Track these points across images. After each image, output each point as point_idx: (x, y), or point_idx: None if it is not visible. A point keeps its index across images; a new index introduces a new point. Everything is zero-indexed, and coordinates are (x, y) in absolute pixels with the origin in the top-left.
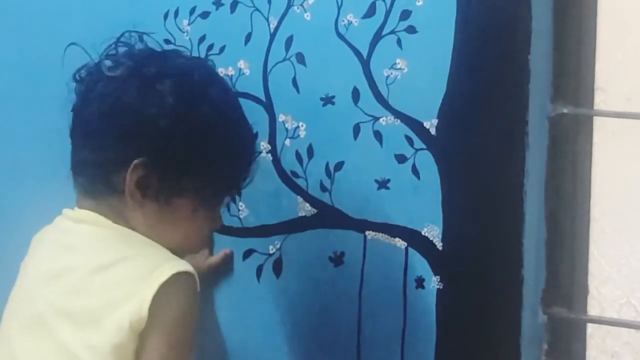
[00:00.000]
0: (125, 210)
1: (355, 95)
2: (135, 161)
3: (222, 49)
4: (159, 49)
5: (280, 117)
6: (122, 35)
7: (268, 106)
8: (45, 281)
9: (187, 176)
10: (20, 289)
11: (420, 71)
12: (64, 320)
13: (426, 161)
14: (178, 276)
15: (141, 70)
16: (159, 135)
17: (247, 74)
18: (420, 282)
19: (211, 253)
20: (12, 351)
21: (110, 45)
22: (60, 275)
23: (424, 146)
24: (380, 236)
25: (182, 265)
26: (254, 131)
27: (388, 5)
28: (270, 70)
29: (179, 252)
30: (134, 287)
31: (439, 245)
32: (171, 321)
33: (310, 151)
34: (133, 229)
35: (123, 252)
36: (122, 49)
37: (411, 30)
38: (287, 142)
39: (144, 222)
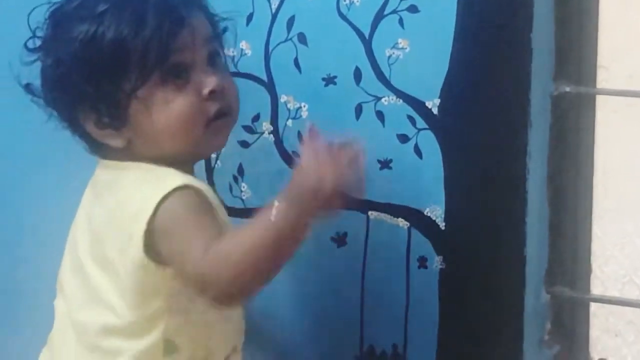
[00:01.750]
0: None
1: (357, 75)
2: (81, 115)
3: (224, 30)
4: None
5: (282, 98)
6: None
7: (270, 87)
8: (83, 227)
9: (115, 86)
10: (73, 233)
11: (422, 51)
12: (96, 266)
13: (428, 141)
14: (162, 201)
15: None
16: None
17: (249, 54)
18: (423, 262)
19: None
20: (64, 291)
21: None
22: (90, 221)
23: (426, 126)
24: (383, 216)
25: (166, 186)
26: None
27: None
28: (272, 50)
29: (202, 149)
30: (129, 229)
31: (442, 225)
32: (179, 222)
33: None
34: (139, 154)
35: (121, 193)
36: None
37: (413, 9)
38: (290, 122)
39: (131, 148)
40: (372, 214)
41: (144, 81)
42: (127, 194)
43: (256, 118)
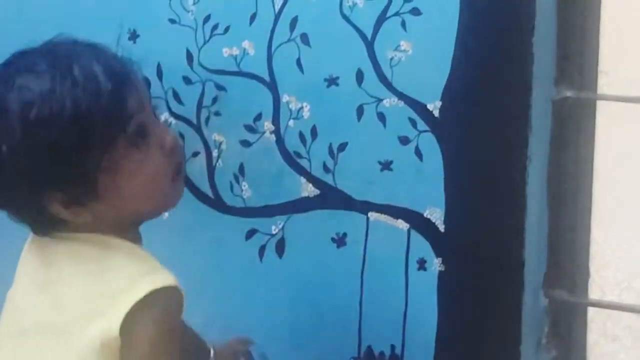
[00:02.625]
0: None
1: (359, 76)
2: (44, 199)
3: (226, 29)
4: None
5: (284, 98)
6: None
7: (272, 86)
8: (28, 294)
9: (85, 160)
10: (12, 299)
11: (425, 53)
12: (44, 335)
13: (429, 143)
14: (155, 293)
15: None
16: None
17: (252, 54)
18: (422, 264)
19: None
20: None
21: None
22: (43, 288)
23: (428, 128)
24: (383, 217)
25: (160, 280)
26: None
27: None
28: (275, 50)
29: (168, 206)
30: (105, 305)
31: (441, 228)
32: (147, 341)
33: (313, 132)
34: (100, 221)
35: (98, 265)
36: None
37: (416, 12)
38: (291, 122)
39: (102, 219)
40: (372, 215)
41: (110, 150)
42: (112, 272)
43: (258, 117)
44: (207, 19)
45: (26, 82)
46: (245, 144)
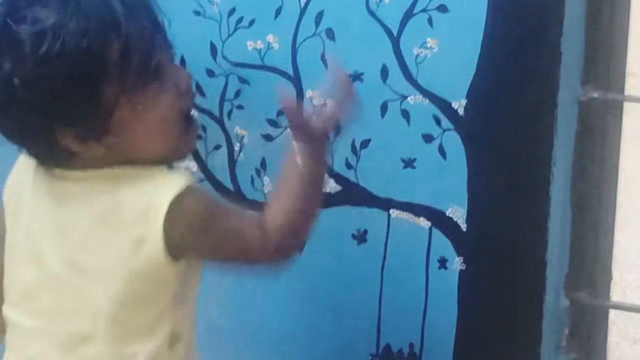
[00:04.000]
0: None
1: (384, 73)
2: (58, 133)
3: (251, 22)
4: None
5: (308, 93)
6: None
7: (296, 81)
8: (50, 238)
9: (96, 96)
10: (24, 244)
11: (451, 51)
12: (83, 276)
13: (453, 141)
14: (178, 199)
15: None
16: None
17: (276, 48)
18: (443, 263)
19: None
20: (33, 307)
21: None
22: (66, 229)
23: (452, 126)
24: (405, 215)
25: (175, 185)
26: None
27: None
28: (299, 45)
29: (181, 150)
30: (138, 231)
31: (463, 227)
32: (197, 235)
33: (336, 128)
34: (114, 159)
35: (115, 195)
36: None
37: (443, 9)
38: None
39: (117, 153)
40: (394, 213)
41: (128, 87)
42: (127, 197)
43: (281, 112)
44: (232, 11)
45: (38, 13)
46: (268, 138)
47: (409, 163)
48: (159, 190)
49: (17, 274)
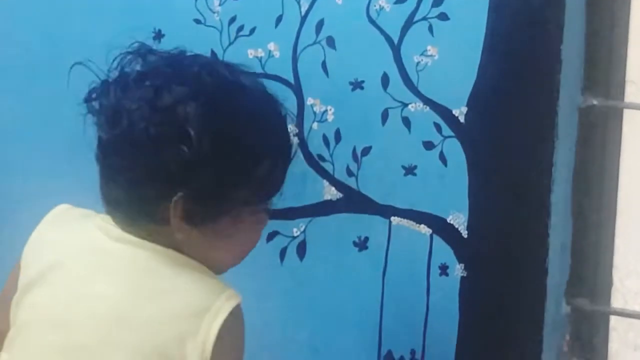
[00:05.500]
0: (169, 235)
1: (385, 80)
2: (175, 198)
3: (252, 31)
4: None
5: (309, 101)
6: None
7: (297, 89)
8: (82, 304)
9: (229, 195)
10: (59, 309)
11: (451, 59)
12: (110, 349)
13: (454, 149)
14: (235, 310)
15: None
16: (195, 166)
17: (277, 56)
18: (444, 270)
19: None
20: None
21: (122, 57)
22: (100, 298)
23: (452, 134)
24: (406, 222)
25: (234, 297)
26: (287, 121)
27: None
28: (300, 53)
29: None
30: (189, 324)
31: (464, 233)
32: (232, 357)
33: (337, 135)
34: (179, 250)
35: (170, 281)
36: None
37: (443, 17)
38: (315, 125)
39: (191, 246)
40: (395, 220)
41: (254, 200)
42: (189, 288)
43: None
44: (232, 20)
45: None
46: None
47: (410, 170)
48: (223, 295)
49: (33, 336)
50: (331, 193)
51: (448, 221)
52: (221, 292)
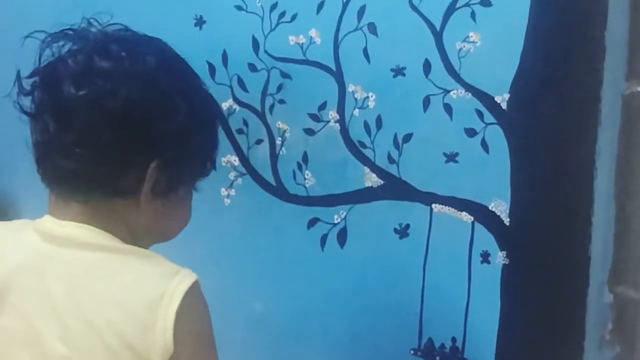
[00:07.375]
0: (127, 211)
1: (427, 67)
2: (153, 165)
3: (293, 17)
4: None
5: (350, 87)
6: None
7: (338, 76)
8: (44, 315)
9: (189, 165)
10: (19, 324)
11: (494, 45)
12: (86, 355)
13: (496, 136)
14: (190, 290)
15: (138, 65)
16: (171, 134)
17: (318, 42)
18: (485, 257)
19: None
20: None
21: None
22: (64, 310)
23: (495, 121)
24: (447, 209)
25: (188, 277)
26: None
27: None
28: (342, 39)
29: (160, 238)
30: (146, 314)
31: (506, 221)
32: (197, 338)
33: (379, 122)
34: (132, 228)
35: (121, 278)
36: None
37: (486, 3)
38: (356, 112)
39: (146, 220)
40: (436, 207)
41: (213, 165)
42: (138, 279)
43: (323, 106)
44: (274, 6)
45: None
46: (310, 132)
47: (451, 157)
48: (174, 280)
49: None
50: (372, 180)
51: (490, 209)
52: (172, 276)
